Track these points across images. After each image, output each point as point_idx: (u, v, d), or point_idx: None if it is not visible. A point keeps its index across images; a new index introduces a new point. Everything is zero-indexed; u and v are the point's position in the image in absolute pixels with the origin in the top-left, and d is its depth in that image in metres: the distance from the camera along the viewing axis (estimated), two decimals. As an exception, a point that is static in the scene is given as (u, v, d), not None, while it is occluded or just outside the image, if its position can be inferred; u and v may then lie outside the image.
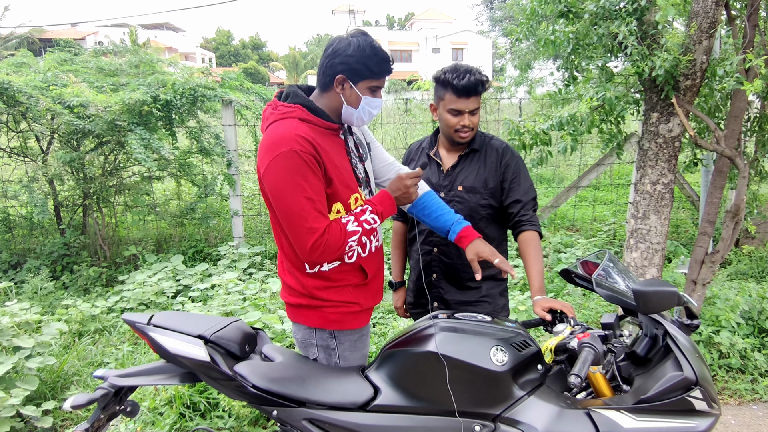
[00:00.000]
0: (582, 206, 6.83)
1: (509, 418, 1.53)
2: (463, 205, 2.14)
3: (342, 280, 1.80)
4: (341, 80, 1.70)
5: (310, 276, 1.77)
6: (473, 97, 2.03)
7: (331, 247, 1.63)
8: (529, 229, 2.08)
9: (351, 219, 1.71)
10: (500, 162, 2.14)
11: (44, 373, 3.06)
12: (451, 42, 45.46)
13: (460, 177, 2.16)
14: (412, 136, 7.06)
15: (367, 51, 1.66)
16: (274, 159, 1.59)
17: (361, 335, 1.90)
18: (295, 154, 1.58)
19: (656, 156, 3.09)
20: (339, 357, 1.85)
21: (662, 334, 1.58)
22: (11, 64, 5.04)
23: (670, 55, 2.69)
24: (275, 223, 1.78)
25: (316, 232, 1.60)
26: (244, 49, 66.58)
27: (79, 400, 1.58)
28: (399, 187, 1.84)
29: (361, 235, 1.71)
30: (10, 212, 5.15)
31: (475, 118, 2.07)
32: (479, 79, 2.00)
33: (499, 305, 2.25)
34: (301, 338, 1.89)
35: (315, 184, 1.62)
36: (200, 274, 4.53)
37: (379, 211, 1.78)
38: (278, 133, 1.62)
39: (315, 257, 1.63)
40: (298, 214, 1.59)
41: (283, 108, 1.69)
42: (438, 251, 2.21)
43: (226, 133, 5.12)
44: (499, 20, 17.36)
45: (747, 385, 3.24)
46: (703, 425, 1.45)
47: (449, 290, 2.22)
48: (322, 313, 1.81)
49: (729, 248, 3.14)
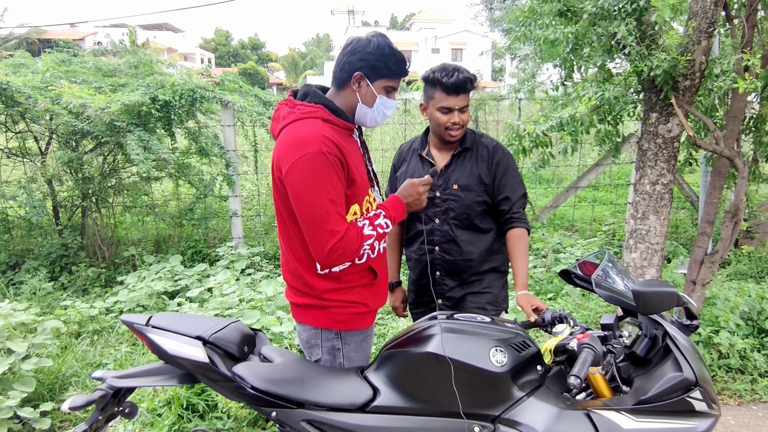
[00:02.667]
0: (581, 206, 6.83)
1: (509, 419, 1.53)
2: (458, 203, 2.16)
3: (351, 281, 1.80)
4: (359, 77, 1.71)
5: (321, 277, 1.76)
6: (462, 95, 2.06)
7: (348, 251, 1.64)
8: (519, 225, 2.14)
9: (366, 223, 1.72)
10: (492, 159, 2.18)
11: (42, 374, 3.05)
12: (450, 42, 45.48)
13: (454, 176, 2.18)
14: (411, 136, 7.03)
15: (386, 50, 1.69)
16: (300, 159, 1.58)
17: (366, 336, 1.91)
18: (322, 155, 1.58)
19: (655, 156, 3.09)
20: (343, 358, 1.85)
21: (662, 335, 1.58)
22: (9, 64, 5.03)
23: (668, 56, 2.69)
24: (284, 223, 1.77)
25: (336, 235, 1.60)
26: (243, 49, 66.54)
27: (77, 402, 1.57)
28: (411, 193, 1.85)
29: (375, 239, 1.72)
30: (8, 213, 5.14)
31: (464, 116, 2.10)
32: (467, 77, 2.04)
33: (500, 297, 2.29)
34: (306, 338, 1.88)
35: (338, 186, 1.63)
36: (199, 274, 4.53)
37: (391, 216, 1.79)
38: (303, 133, 1.61)
39: (332, 260, 1.64)
40: (321, 216, 1.59)
41: (304, 107, 1.68)
42: (440, 250, 2.22)
43: (225, 134, 5.11)
44: (498, 20, 17.37)
45: (746, 385, 3.24)
46: (702, 426, 1.45)
47: (453, 287, 2.25)
48: (330, 313, 1.80)
49: (728, 248, 3.14)
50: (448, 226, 2.19)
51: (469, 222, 2.18)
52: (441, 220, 2.20)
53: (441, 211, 2.20)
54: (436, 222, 2.21)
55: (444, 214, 2.19)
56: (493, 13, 18.25)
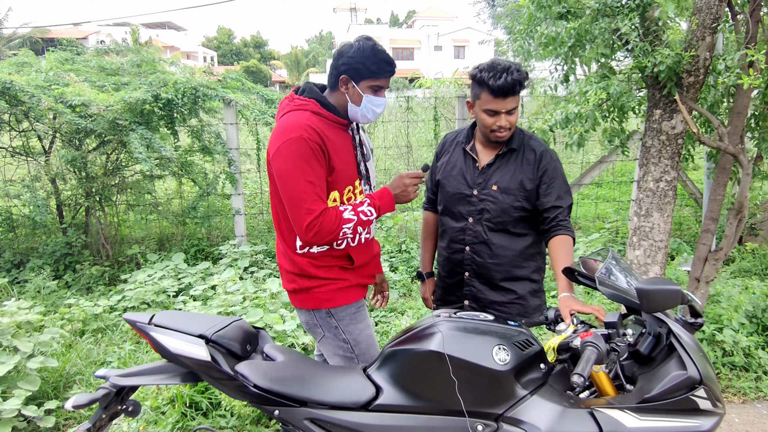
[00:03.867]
0: (584, 204, 6.80)
1: (512, 417, 1.53)
2: (495, 205, 2.09)
3: (328, 261, 1.93)
4: (345, 80, 1.86)
5: (300, 255, 1.92)
6: (510, 98, 1.94)
7: (325, 230, 1.76)
8: (565, 233, 2.02)
9: (348, 208, 1.85)
10: (538, 165, 2.07)
11: (46, 372, 3.06)
12: (453, 40, 45.36)
13: (495, 176, 2.10)
14: (413, 134, 7.05)
15: (366, 52, 1.81)
16: (283, 143, 1.75)
17: (358, 308, 2.01)
18: (303, 140, 1.74)
19: (659, 153, 3.07)
20: (344, 332, 1.96)
21: (666, 333, 1.57)
22: (13, 63, 5.04)
23: (672, 51, 2.68)
24: (276, 206, 1.92)
25: (312, 213, 1.74)
26: (246, 47, 66.56)
27: (81, 400, 1.58)
28: (399, 185, 1.95)
29: (356, 224, 1.84)
30: (12, 212, 5.15)
31: (512, 118, 1.99)
32: (516, 79, 1.90)
33: (531, 306, 2.19)
34: (305, 321, 2.01)
35: (317, 170, 1.77)
36: (202, 272, 4.53)
37: (376, 205, 1.90)
38: (290, 122, 1.79)
39: (309, 237, 1.77)
40: (299, 196, 1.74)
41: (299, 101, 1.86)
42: (470, 250, 2.16)
43: (227, 132, 5.11)
44: (501, 17, 17.31)
45: (751, 383, 3.23)
46: (707, 425, 1.44)
47: (482, 289, 2.18)
48: (313, 294, 1.93)
49: (732, 245, 3.13)
50: (481, 227, 2.12)
51: (503, 225, 2.10)
52: (475, 219, 2.13)
53: (476, 210, 2.12)
54: (469, 221, 2.14)
55: (479, 214, 2.11)
56: (495, 10, 18.18)
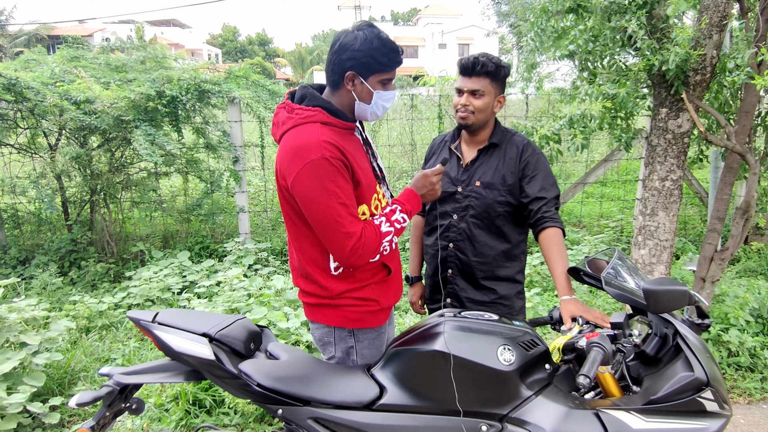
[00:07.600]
0: (589, 202, 6.78)
1: (516, 418, 1.52)
2: (480, 201, 2.09)
3: (364, 279, 1.78)
4: (351, 77, 1.65)
5: (334, 278, 1.75)
6: (474, 78, 2.01)
7: (369, 249, 1.64)
8: (553, 225, 1.97)
9: (383, 220, 1.71)
10: (520, 158, 2.08)
11: (51, 369, 3.07)
12: (458, 37, 45.22)
13: (478, 172, 2.11)
14: (418, 132, 7.02)
15: (374, 43, 1.61)
16: (304, 167, 1.56)
17: (380, 333, 1.89)
18: (325, 161, 1.55)
19: (665, 152, 3.05)
20: (357, 355, 1.84)
21: (672, 334, 1.55)
22: (22, 60, 5.07)
23: (681, 50, 2.65)
24: (295, 226, 1.74)
25: (353, 236, 1.60)
26: (251, 45, 66.62)
27: (84, 398, 1.58)
28: (425, 184, 1.84)
29: (394, 234, 1.71)
30: (18, 208, 5.17)
31: (476, 101, 2.02)
32: (481, 60, 1.98)
33: (515, 308, 2.20)
34: (318, 336, 1.88)
35: (346, 188, 1.61)
36: (206, 270, 4.54)
37: (407, 210, 1.78)
38: (303, 140, 1.58)
39: (354, 260, 1.63)
40: (334, 220, 1.58)
41: (302, 111, 1.64)
42: (454, 247, 2.16)
43: (232, 130, 5.11)
44: (507, 15, 17.22)
45: (756, 383, 3.21)
46: (714, 426, 1.43)
47: (464, 287, 2.18)
48: (342, 311, 1.79)
49: (738, 245, 3.11)
50: (466, 223, 2.12)
51: (488, 222, 2.10)
52: (459, 216, 2.13)
53: (461, 207, 2.13)
54: (454, 218, 2.14)
55: (464, 210, 2.12)
56: (501, 7, 18.08)
